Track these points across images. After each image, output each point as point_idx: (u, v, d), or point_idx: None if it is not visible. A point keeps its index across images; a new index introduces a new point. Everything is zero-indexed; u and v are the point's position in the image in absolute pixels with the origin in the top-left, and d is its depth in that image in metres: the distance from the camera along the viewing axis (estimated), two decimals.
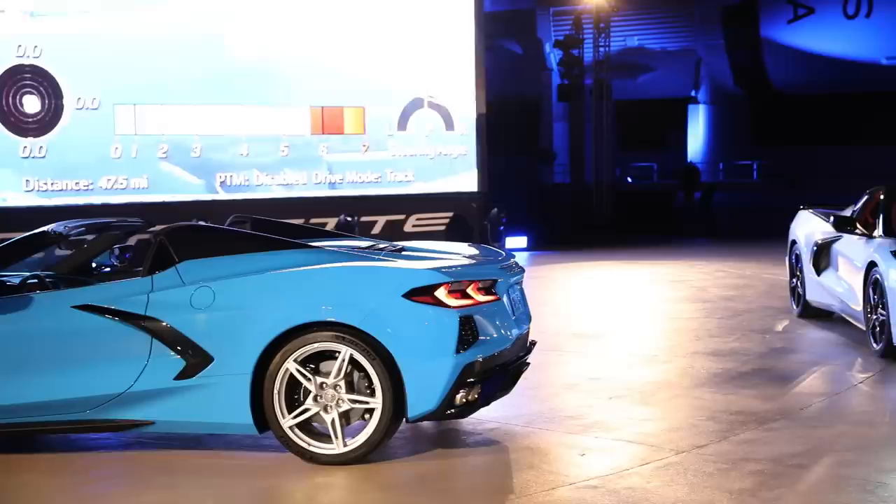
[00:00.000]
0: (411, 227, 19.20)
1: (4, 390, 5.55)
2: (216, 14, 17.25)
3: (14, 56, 15.50)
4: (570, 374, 7.78)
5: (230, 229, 6.32)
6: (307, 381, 5.29)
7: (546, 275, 15.21)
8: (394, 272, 5.43)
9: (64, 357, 5.54)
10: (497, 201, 20.16)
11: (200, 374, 5.39)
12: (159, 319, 5.43)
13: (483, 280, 5.51)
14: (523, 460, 5.42)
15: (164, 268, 5.56)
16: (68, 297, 5.65)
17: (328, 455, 5.30)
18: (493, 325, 5.48)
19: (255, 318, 5.34)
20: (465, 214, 19.76)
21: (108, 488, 5.32)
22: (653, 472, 5.16)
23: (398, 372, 5.21)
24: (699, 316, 10.56)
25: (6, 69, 15.46)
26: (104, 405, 5.48)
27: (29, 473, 5.46)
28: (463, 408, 5.36)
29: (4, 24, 15.41)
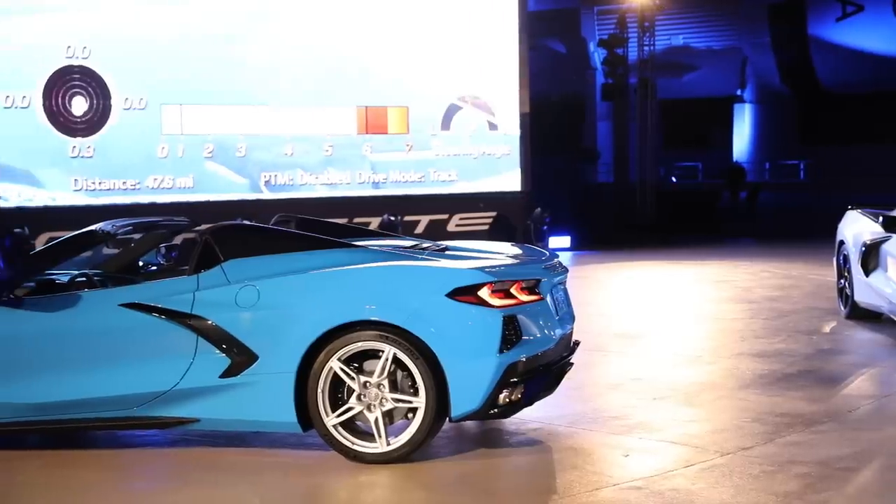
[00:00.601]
0: (454, 227, 19.21)
1: (55, 387, 5.63)
2: (263, 14, 17.36)
3: (63, 57, 15.70)
4: (614, 374, 7.74)
5: (275, 228, 6.36)
6: (351, 379, 5.31)
7: (589, 275, 15.15)
8: (437, 272, 5.43)
9: (111, 355, 5.60)
10: (540, 201, 20.12)
11: (245, 372, 5.43)
12: (205, 318, 5.47)
13: (527, 280, 5.50)
14: (567, 461, 5.40)
15: (210, 266, 5.60)
16: (116, 295, 5.71)
17: (372, 454, 5.31)
18: (537, 325, 5.47)
19: (300, 317, 5.37)
20: (508, 214, 19.74)
21: (154, 484, 5.38)
22: (697, 474, 5.12)
23: (441, 371, 5.22)
24: (744, 317, 10.46)
25: (56, 70, 15.67)
26: (150, 402, 5.54)
27: (77, 469, 5.53)
28: (506, 408, 5.35)
29: (54, 26, 15.62)
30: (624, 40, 25.64)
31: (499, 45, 19.67)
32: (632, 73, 26.14)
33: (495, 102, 19.64)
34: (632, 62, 25.90)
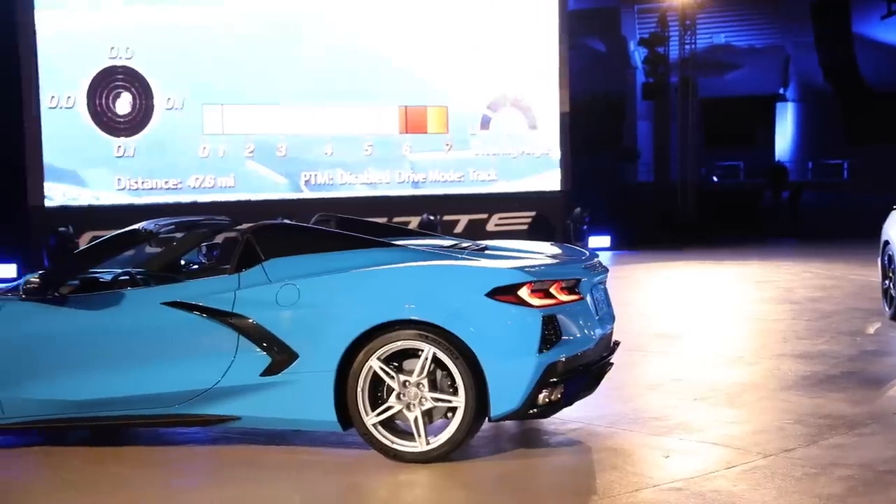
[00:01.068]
0: (493, 227, 19.20)
1: (97, 384, 5.69)
2: (302, 15, 17.44)
3: (107, 58, 15.88)
4: (654, 374, 7.69)
5: (315, 227, 6.39)
6: (390, 378, 5.32)
7: (629, 274, 15.07)
8: (477, 271, 5.43)
9: (154, 352, 5.65)
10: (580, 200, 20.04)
11: (285, 370, 5.45)
12: (246, 316, 5.51)
13: (566, 279, 5.48)
14: (606, 461, 5.38)
15: (251, 265, 5.64)
16: (158, 293, 5.77)
17: (411, 453, 5.32)
18: (577, 325, 5.45)
19: (340, 316, 5.38)
20: (547, 214, 19.69)
21: (195, 482, 5.42)
22: (739, 476, 5.08)
23: (481, 371, 5.21)
24: (786, 317, 10.36)
25: (99, 70, 15.85)
26: (192, 400, 5.58)
27: (120, 465, 5.59)
28: (546, 407, 5.33)
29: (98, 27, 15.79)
30: (665, 39, 25.48)
31: (539, 45, 19.63)
32: (672, 72, 25.98)
33: (535, 102, 19.60)
34: (673, 61, 25.74)
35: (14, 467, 5.74)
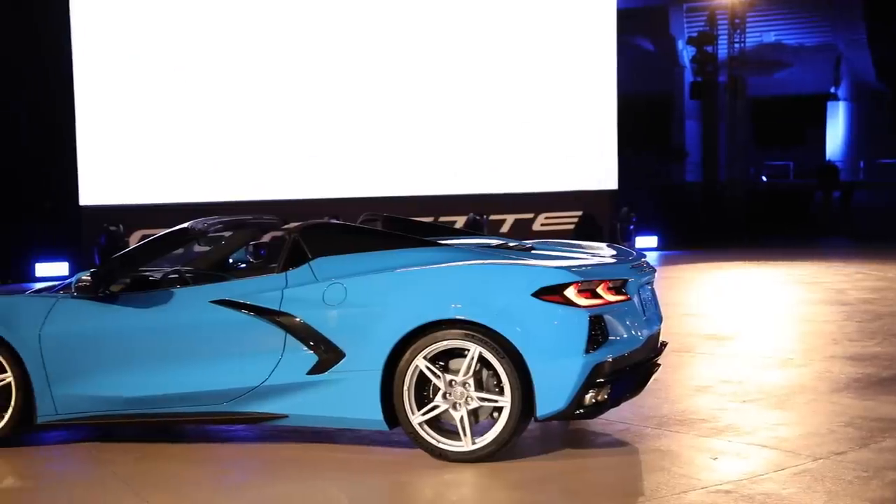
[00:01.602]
0: (539, 226, 19.16)
1: (146, 382, 5.75)
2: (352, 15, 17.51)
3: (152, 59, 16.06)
4: (702, 376, 7.63)
5: (362, 227, 6.41)
6: (436, 378, 5.32)
7: (677, 275, 14.96)
8: (523, 271, 5.41)
9: (202, 350, 5.70)
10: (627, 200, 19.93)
11: (332, 369, 5.47)
12: (293, 315, 5.54)
13: (613, 279, 5.45)
14: (654, 462, 5.34)
15: (298, 264, 5.67)
16: (206, 292, 5.81)
17: (457, 452, 5.32)
18: (624, 326, 5.42)
19: (386, 315, 5.39)
20: (594, 213, 19.61)
21: (242, 479, 5.46)
22: (789, 479, 5.02)
23: (527, 371, 5.20)
24: (837, 319, 10.23)
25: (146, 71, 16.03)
26: (240, 398, 5.63)
27: (169, 462, 5.64)
28: (592, 408, 5.30)
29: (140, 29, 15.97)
30: (713, 37, 25.26)
31: (588, 43, 19.55)
32: (721, 71, 25.75)
33: (583, 100, 19.52)
34: (721, 59, 25.51)
35: (67, 463, 5.83)
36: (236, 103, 16.58)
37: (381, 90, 17.67)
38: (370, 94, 17.59)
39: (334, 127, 17.36)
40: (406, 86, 17.87)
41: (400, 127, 17.85)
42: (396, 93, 17.80)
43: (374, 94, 17.62)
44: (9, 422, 5.90)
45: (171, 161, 16.23)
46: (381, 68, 17.66)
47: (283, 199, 16.50)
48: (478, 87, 18.49)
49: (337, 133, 17.38)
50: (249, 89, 16.68)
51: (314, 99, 17.19)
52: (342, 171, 17.45)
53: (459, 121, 18.36)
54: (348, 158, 17.49)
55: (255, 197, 16.38)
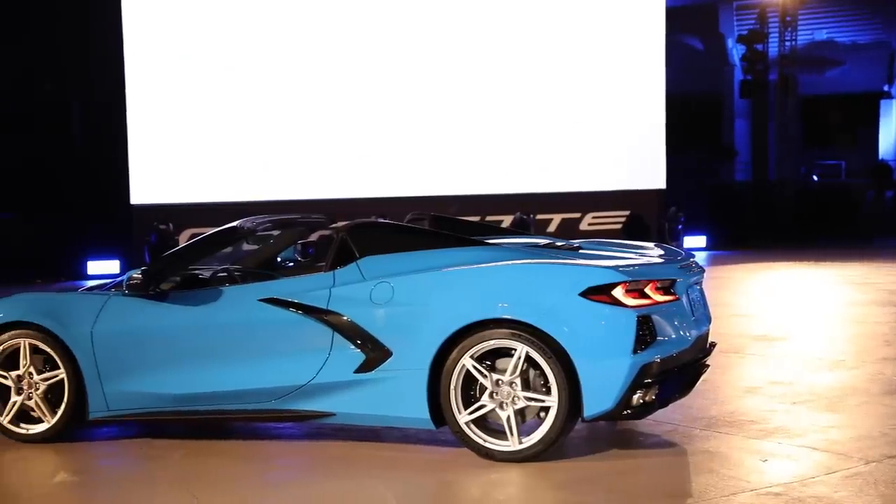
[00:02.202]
0: (587, 226, 19.09)
1: (195, 379, 5.81)
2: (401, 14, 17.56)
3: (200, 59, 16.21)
4: (752, 377, 7.55)
5: (409, 226, 6.42)
6: (483, 377, 5.32)
7: (726, 275, 14.83)
8: (571, 270, 5.39)
9: (250, 348, 5.74)
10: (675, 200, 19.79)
11: (379, 368, 5.49)
12: (340, 314, 5.56)
13: (662, 280, 5.41)
14: (702, 464, 5.30)
15: (346, 263, 5.69)
16: (255, 290, 5.85)
17: (504, 452, 5.31)
18: (672, 326, 5.38)
19: (433, 315, 5.40)
20: (642, 213, 19.49)
21: (290, 476, 5.49)
22: (840, 482, 4.95)
23: (574, 371, 5.18)
24: (889, 320, 10.08)
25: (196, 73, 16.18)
26: (287, 396, 5.66)
27: (217, 458, 5.69)
28: (640, 409, 5.27)
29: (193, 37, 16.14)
30: (764, 35, 25.01)
31: (637, 42, 19.45)
32: (771, 69, 25.48)
33: (631, 99, 19.42)
34: (772, 58, 25.25)
35: (118, 458, 5.90)
36: (285, 103, 16.69)
37: (430, 89, 17.70)
38: (418, 93, 17.62)
39: (383, 126, 17.41)
40: (454, 84, 17.88)
41: (447, 126, 17.86)
42: (445, 91, 17.82)
43: (423, 94, 17.65)
44: (62, 417, 5.99)
45: (220, 161, 16.37)
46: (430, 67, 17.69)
47: (330, 199, 16.59)
48: (526, 86, 18.46)
49: (385, 132, 17.43)
50: (298, 90, 16.78)
51: (363, 98, 17.25)
52: (389, 170, 17.50)
53: (507, 120, 18.33)
54: (396, 158, 17.54)
55: (302, 196, 16.48)
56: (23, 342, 6.03)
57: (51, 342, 5.98)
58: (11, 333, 6.05)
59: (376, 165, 17.42)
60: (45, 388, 6.01)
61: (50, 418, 6.00)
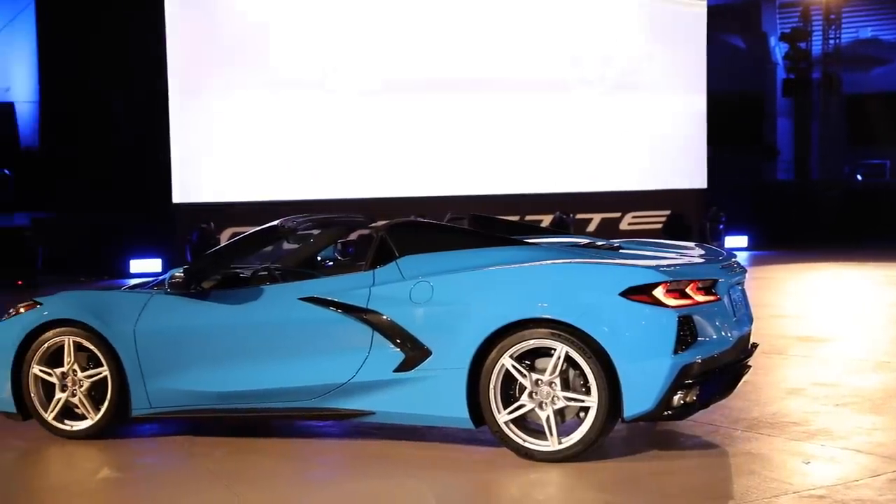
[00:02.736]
0: (627, 226, 19.00)
1: (236, 377, 5.85)
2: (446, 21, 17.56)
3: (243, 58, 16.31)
4: (794, 378, 7.48)
5: (448, 225, 6.42)
6: (523, 377, 5.31)
7: (768, 275, 14.70)
8: (611, 270, 5.37)
9: (290, 347, 5.77)
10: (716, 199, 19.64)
11: (418, 367, 5.50)
12: (380, 313, 5.57)
13: (703, 280, 5.37)
14: (743, 466, 5.25)
15: (385, 262, 5.70)
16: (295, 289, 5.88)
17: (543, 452, 5.30)
18: (713, 326, 5.34)
19: (473, 314, 5.39)
20: (682, 212, 19.37)
21: (329, 475, 5.52)
22: (885, 485, 4.89)
23: (614, 371, 5.15)
24: None
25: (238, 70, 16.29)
26: (327, 394, 5.68)
27: (258, 456, 5.73)
28: (680, 409, 5.24)
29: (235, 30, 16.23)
30: (807, 34, 24.77)
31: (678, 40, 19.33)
32: (815, 68, 25.22)
33: (672, 98, 19.30)
34: (815, 56, 25.00)
35: (160, 456, 5.96)
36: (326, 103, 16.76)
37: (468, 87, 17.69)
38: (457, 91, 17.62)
39: (422, 125, 17.43)
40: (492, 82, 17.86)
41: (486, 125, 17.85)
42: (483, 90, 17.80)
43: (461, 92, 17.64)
44: (105, 414, 6.05)
45: (261, 160, 16.47)
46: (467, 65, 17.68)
47: (369, 198, 16.64)
48: (566, 85, 18.40)
49: (424, 131, 17.45)
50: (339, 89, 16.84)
51: (402, 97, 17.28)
52: (428, 169, 17.52)
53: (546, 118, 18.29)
54: (435, 157, 17.55)
55: (342, 195, 16.54)
56: (67, 339, 6.10)
57: (94, 340, 6.05)
58: (56, 331, 6.12)
59: (415, 165, 17.44)
60: (89, 385, 6.07)
61: (93, 415, 6.07)
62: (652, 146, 19.01)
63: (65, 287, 7.69)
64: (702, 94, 19.47)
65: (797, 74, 25.24)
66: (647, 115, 19.01)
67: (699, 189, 19.54)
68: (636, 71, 18.86)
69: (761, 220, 21.21)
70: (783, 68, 28.17)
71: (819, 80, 24.99)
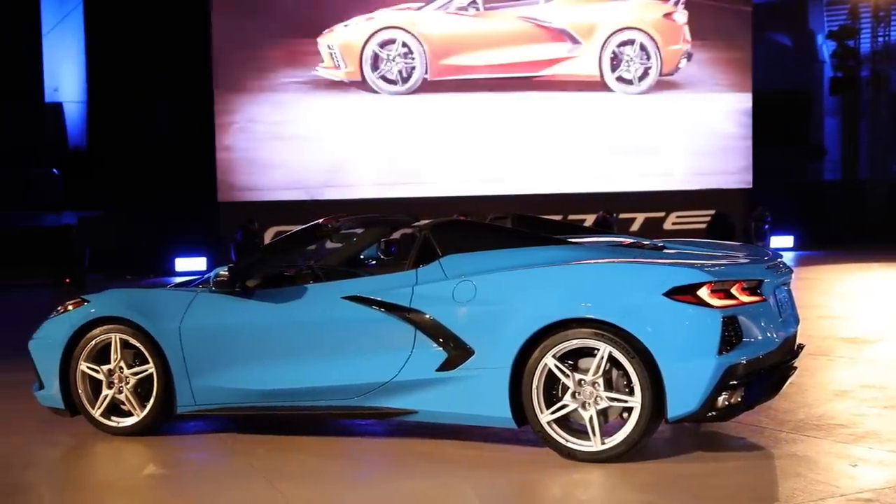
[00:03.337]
0: (671, 225, 18.89)
1: (280, 375, 5.88)
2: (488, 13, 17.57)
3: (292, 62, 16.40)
4: (841, 380, 7.39)
5: (491, 225, 6.42)
6: (565, 377, 5.29)
7: (815, 276, 14.53)
8: (655, 270, 5.33)
9: (334, 345, 5.79)
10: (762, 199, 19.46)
11: (461, 366, 5.49)
12: (423, 312, 5.58)
13: (748, 280, 5.32)
14: (789, 468, 5.20)
15: (428, 262, 5.71)
16: (338, 288, 5.90)
17: (586, 452, 5.28)
18: (759, 327, 5.28)
19: (515, 314, 5.38)
20: (727, 212, 19.20)
21: (372, 473, 5.53)
22: None
23: (658, 371, 5.12)
24: None
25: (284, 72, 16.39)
26: (370, 393, 5.69)
27: (301, 454, 5.76)
28: (725, 411, 5.19)
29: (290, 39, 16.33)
30: (856, 31, 24.46)
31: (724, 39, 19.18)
32: (863, 66, 24.89)
33: (717, 97, 19.16)
34: (864, 54, 24.67)
35: (205, 452, 6.01)
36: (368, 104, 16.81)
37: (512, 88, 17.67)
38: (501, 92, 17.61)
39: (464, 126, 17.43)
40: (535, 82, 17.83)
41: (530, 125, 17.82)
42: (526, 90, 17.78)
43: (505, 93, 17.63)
44: (150, 411, 6.11)
45: (304, 159, 16.56)
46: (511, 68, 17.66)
47: (412, 197, 16.68)
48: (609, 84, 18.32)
49: (467, 132, 17.45)
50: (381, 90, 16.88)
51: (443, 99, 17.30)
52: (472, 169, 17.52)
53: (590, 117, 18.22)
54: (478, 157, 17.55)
55: (385, 195, 16.59)
56: (114, 337, 6.17)
57: (140, 337, 6.11)
58: (103, 328, 6.19)
59: (458, 164, 17.45)
60: (135, 382, 6.14)
61: (139, 412, 6.14)
62: (697, 145, 18.87)
63: (111, 285, 7.78)
64: (748, 93, 19.29)
65: (845, 72, 24.93)
66: (693, 115, 18.87)
67: (745, 189, 19.36)
68: (683, 70, 18.74)
69: (808, 219, 20.98)
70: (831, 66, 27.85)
71: (867, 79, 24.65)
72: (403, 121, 17.08)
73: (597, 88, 18.18)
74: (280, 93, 16.46)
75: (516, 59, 17.66)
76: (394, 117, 16.99)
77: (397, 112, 17.01)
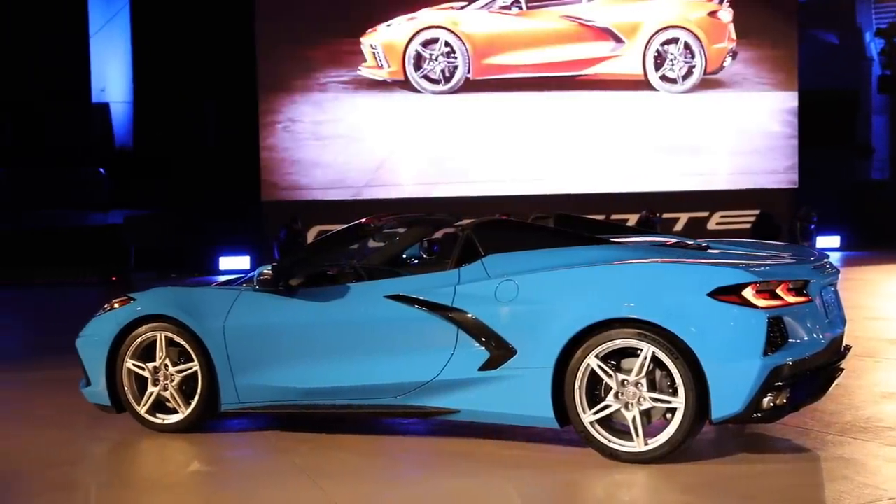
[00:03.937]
0: (715, 225, 18.75)
1: (322, 374, 5.91)
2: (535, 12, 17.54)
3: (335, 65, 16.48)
4: (889, 382, 7.29)
5: (533, 224, 6.40)
6: (608, 377, 5.26)
7: (862, 276, 14.35)
8: (699, 270, 5.29)
9: (376, 344, 5.81)
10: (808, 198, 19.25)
11: (503, 366, 5.49)
12: (465, 311, 5.58)
13: (794, 280, 5.27)
14: (835, 470, 5.13)
15: (471, 261, 5.71)
16: (381, 287, 5.91)
17: (629, 453, 5.25)
18: (804, 328, 5.23)
19: (558, 313, 5.36)
20: (772, 212, 19.03)
21: (414, 472, 5.54)
22: None
23: (702, 372, 5.08)
24: None
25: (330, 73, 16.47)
26: (412, 392, 5.70)
27: (343, 453, 5.78)
28: (770, 412, 5.14)
29: None
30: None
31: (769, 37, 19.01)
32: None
33: (762, 95, 18.99)
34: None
35: (248, 450, 6.05)
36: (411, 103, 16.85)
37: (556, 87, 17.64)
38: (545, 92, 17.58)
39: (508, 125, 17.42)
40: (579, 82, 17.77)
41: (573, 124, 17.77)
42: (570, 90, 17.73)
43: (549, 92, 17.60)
44: (195, 409, 6.17)
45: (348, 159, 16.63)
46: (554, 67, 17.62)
47: (455, 197, 16.69)
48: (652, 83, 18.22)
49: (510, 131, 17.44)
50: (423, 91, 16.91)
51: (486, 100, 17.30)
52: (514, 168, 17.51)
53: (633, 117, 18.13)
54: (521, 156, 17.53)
55: (428, 194, 16.62)
56: (159, 335, 6.23)
57: (185, 335, 6.17)
58: (149, 326, 6.26)
59: (500, 164, 17.44)
60: (180, 379, 6.20)
61: (184, 409, 6.19)
62: (741, 145, 18.71)
63: (157, 283, 7.86)
64: (794, 92, 19.10)
65: (893, 71, 24.58)
66: (738, 114, 18.72)
67: (790, 188, 19.17)
68: (727, 68, 18.59)
69: (855, 219, 20.72)
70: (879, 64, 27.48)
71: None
72: (446, 120, 17.10)
73: (640, 87, 18.09)
74: (323, 92, 16.55)
75: (559, 58, 17.62)
76: (436, 117, 17.02)
77: (440, 111, 17.03)
